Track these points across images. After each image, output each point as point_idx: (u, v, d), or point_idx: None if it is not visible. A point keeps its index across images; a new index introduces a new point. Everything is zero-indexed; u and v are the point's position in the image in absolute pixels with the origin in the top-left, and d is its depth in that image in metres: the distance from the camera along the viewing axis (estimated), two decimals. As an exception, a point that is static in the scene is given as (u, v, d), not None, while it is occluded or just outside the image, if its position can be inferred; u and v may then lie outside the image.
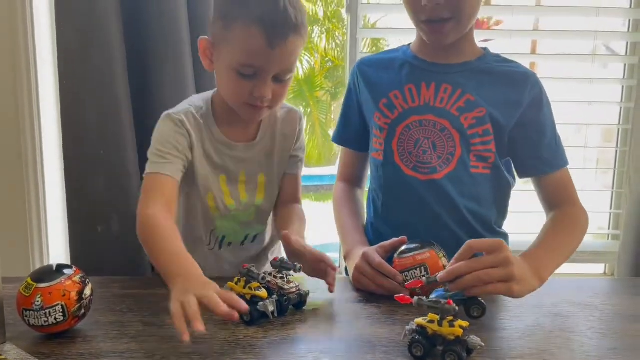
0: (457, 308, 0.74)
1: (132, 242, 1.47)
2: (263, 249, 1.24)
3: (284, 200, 1.18)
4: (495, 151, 1.07)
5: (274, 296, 0.87)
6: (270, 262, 0.94)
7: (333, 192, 1.26)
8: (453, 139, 1.06)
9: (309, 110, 9.28)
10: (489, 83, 1.07)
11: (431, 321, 0.75)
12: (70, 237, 1.50)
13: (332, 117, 9.13)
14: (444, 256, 0.95)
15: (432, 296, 0.84)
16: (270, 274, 0.92)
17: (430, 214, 1.04)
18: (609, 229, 1.85)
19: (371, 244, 1.10)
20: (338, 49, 9.29)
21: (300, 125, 1.17)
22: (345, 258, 1.11)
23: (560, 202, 1.09)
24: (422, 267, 0.94)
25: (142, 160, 1.44)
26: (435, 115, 1.06)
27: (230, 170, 1.11)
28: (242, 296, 0.84)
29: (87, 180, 1.45)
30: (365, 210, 1.24)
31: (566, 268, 1.97)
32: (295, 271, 0.91)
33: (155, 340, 0.79)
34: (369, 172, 1.25)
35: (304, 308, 0.93)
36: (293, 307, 0.91)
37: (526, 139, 1.09)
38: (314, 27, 9.58)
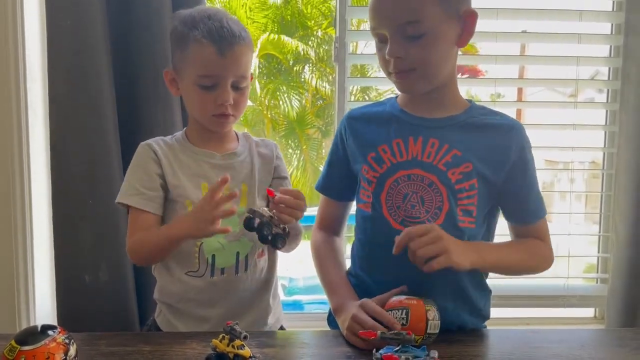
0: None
1: (121, 292, 1.49)
2: (263, 286, 1.23)
3: None
4: (477, 205, 1.09)
5: (258, 355, 0.87)
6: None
7: (311, 240, 1.26)
8: (441, 193, 1.07)
9: (300, 148, 9.36)
10: (475, 137, 1.10)
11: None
12: (57, 286, 1.48)
13: (323, 153, 9.20)
14: (431, 310, 0.96)
15: (381, 351, 0.86)
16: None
17: (417, 269, 1.04)
18: (597, 272, 1.87)
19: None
20: (329, 87, 9.43)
21: (277, 152, 1.29)
22: (335, 313, 1.10)
23: (531, 237, 1.15)
24: (404, 310, 0.95)
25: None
26: (423, 169, 1.08)
27: (211, 177, 1.17)
28: (226, 355, 0.84)
29: (75, 228, 1.45)
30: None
31: (556, 312, 1.99)
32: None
33: (140, 403, 0.78)
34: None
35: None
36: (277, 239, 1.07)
37: (515, 193, 1.12)
38: (305, 66, 9.77)
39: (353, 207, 1.24)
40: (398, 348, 0.86)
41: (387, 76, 1.11)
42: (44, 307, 1.55)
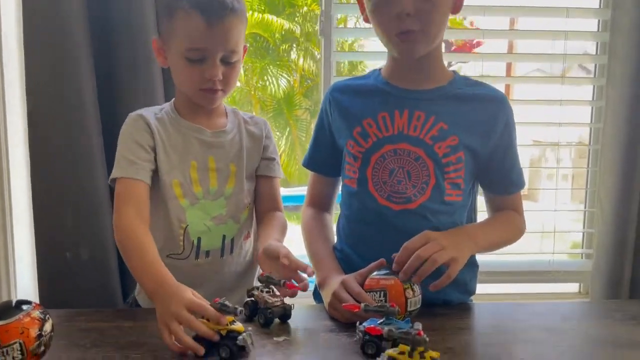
0: (427, 339, 0.73)
1: (103, 269, 1.46)
2: (248, 268, 1.22)
3: (265, 208, 1.21)
4: (464, 177, 1.08)
5: (250, 329, 0.85)
6: (258, 278, 0.97)
7: (301, 217, 1.24)
8: (427, 167, 1.06)
9: (288, 129, 9.29)
10: (461, 109, 1.08)
11: (402, 352, 0.74)
12: (38, 264, 1.45)
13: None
14: (409, 287, 0.94)
15: (365, 324, 0.86)
16: (257, 289, 0.98)
17: (402, 244, 1.03)
18: (582, 247, 1.87)
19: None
20: (317, 67, 9.35)
21: (267, 130, 1.24)
22: (320, 287, 1.09)
23: (507, 209, 1.16)
24: (382, 292, 0.94)
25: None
26: (410, 143, 1.06)
27: (199, 154, 1.14)
28: (217, 332, 0.83)
29: (55, 205, 1.41)
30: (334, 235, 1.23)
31: (541, 287, 2.00)
32: (281, 286, 0.95)
33: (119, 378, 0.77)
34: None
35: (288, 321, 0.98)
36: (279, 319, 0.97)
37: (501, 164, 1.11)
38: (292, 45, 9.65)
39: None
40: (382, 320, 0.85)
41: (386, 41, 1.08)
42: (24, 285, 1.52)
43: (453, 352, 0.85)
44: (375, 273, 0.99)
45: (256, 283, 1.10)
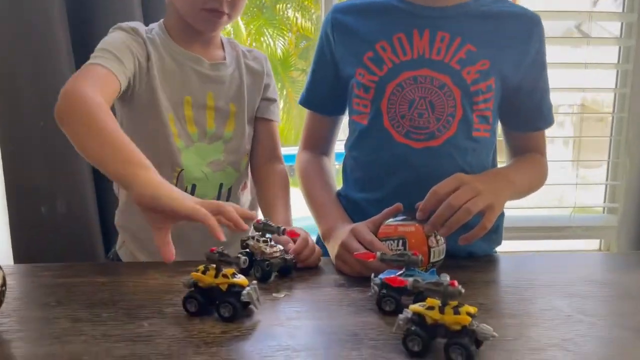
0: (462, 290, 0.59)
1: (82, 222, 1.32)
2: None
3: (263, 156, 1.08)
4: (492, 109, 0.93)
5: (254, 282, 0.71)
6: (254, 225, 0.84)
7: (296, 162, 1.09)
8: (454, 97, 0.90)
9: (285, 91, 9.05)
10: (490, 28, 0.92)
11: (430, 307, 0.60)
12: (10, 219, 1.31)
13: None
14: (433, 235, 0.81)
15: (381, 276, 0.72)
16: (252, 238, 0.83)
17: (423, 188, 0.89)
18: (604, 202, 1.73)
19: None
20: (313, 26, 9.05)
21: (268, 67, 1.11)
22: (324, 238, 0.95)
23: (531, 151, 1.03)
24: (400, 241, 0.80)
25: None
26: (432, 69, 0.90)
27: (195, 89, 0.98)
28: (215, 288, 0.68)
29: (26, 156, 1.27)
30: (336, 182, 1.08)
31: (556, 245, 1.87)
32: (279, 234, 0.83)
33: (83, 341, 0.62)
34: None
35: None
36: (278, 273, 0.83)
37: (530, 95, 0.97)
38: (288, 5, 9.33)
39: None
40: (402, 272, 0.71)
41: None
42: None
43: (485, 308, 0.71)
44: (391, 219, 0.85)
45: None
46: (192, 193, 1.00)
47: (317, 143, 1.09)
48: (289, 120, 8.70)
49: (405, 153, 0.92)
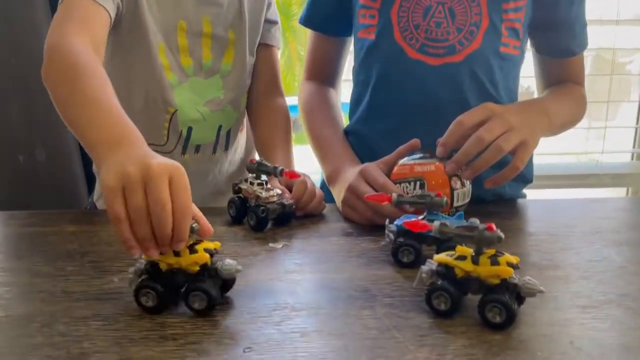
0: (502, 235, 0.47)
1: (65, 172, 1.21)
2: (242, 167, 0.98)
3: (262, 88, 0.95)
4: (523, 22, 0.80)
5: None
6: (247, 166, 0.73)
7: (299, 95, 0.96)
8: (479, 2, 0.76)
9: (285, 42, 8.76)
10: None
11: (461, 257, 0.49)
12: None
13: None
14: (457, 175, 0.68)
15: (398, 222, 0.60)
16: (246, 181, 0.72)
17: (442, 115, 0.76)
18: (633, 147, 1.60)
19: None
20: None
21: None
22: (329, 181, 0.83)
23: (569, 81, 0.89)
24: (418, 183, 0.68)
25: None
26: None
27: (190, 12, 0.83)
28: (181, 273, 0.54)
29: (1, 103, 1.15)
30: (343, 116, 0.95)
31: (578, 194, 1.75)
32: (276, 175, 0.72)
33: (40, 300, 0.52)
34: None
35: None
36: (274, 221, 0.71)
37: (567, 10, 0.83)
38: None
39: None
40: (424, 216, 0.60)
41: None
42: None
43: (521, 260, 0.59)
44: (406, 158, 0.72)
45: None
46: (188, 137, 0.88)
47: (322, 70, 0.96)
48: (291, 72, 8.46)
49: (419, 71, 0.79)
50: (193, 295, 0.48)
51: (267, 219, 0.69)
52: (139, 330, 0.46)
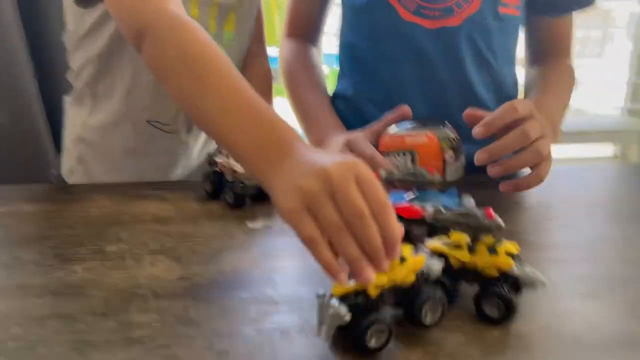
0: (502, 224, 0.43)
1: (30, 138, 1.14)
2: None
3: (249, 51, 0.86)
4: None
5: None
6: None
7: (280, 54, 0.89)
8: None
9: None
10: None
11: (456, 246, 0.45)
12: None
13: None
14: (450, 148, 0.63)
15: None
16: (221, 153, 0.67)
17: (438, 83, 0.70)
18: (625, 102, 1.56)
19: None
20: None
21: None
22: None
23: (557, 50, 0.84)
24: (410, 155, 0.63)
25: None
26: None
27: None
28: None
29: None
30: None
31: (561, 151, 1.72)
32: None
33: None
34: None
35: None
36: (253, 198, 0.66)
37: None
38: None
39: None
40: (413, 196, 0.55)
41: None
42: None
43: (516, 239, 0.56)
44: (395, 127, 0.67)
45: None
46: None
47: (303, 27, 0.89)
48: (269, 23, 8.17)
49: (414, 35, 0.73)
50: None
51: (246, 196, 0.64)
52: (102, 332, 0.42)
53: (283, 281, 0.49)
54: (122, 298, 0.46)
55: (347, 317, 0.37)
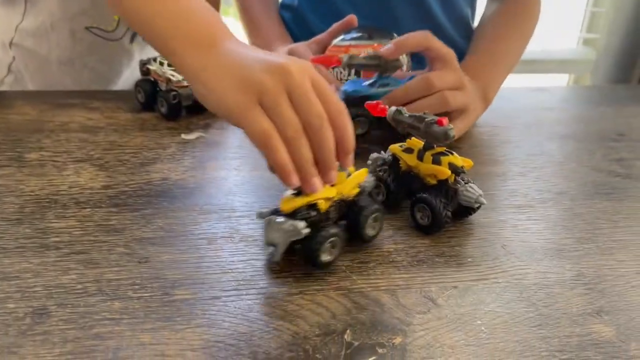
0: (450, 132, 0.41)
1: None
2: None
3: None
4: None
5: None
6: None
7: None
8: None
9: None
10: None
11: (408, 150, 0.43)
12: None
13: None
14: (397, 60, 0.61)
15: (345, 87, 0.55)
16: (155, 60, 0.62)
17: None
18: (581, 31, 1.55)
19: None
20: None
21: None
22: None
23: None
24: (353, 69, 0.61)
25: None
26: None
27: None
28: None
29: None
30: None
31: (515, 81, 1.73)
32: None
33: None
34: None
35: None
36: (189, 108, 0.62)
37: None
38: None
39: None
40: (375, 79, 0.54)
41: None
42: None
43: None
44: (341, 38, 0.64)
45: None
46: None
47: None
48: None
49: None
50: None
51: (181, 106, 0.60)
52: (15, 239, 0.39)
53: (215, 192, 0.47)
54: (39, 205, 0.43)
55: (305, 230, 0.35)
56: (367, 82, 0.53)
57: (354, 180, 0.39)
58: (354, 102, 0.52)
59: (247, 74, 0.35)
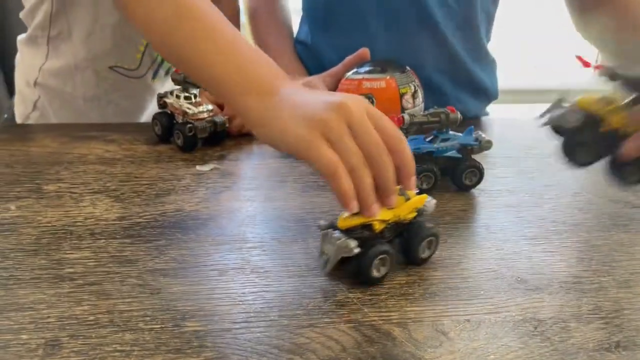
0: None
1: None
2: None
3: None
4: None
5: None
6: (172, 76, 0.64)
7: (246, 4, 0.85)
8: None
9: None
10: None
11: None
12: None
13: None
14: (408, 90, 0.62)
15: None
16: (171, 94, 0.64)
17: (403, 31, 0.66)
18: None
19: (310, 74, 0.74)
20: None
21: None
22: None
23: None
24: (368, 100, 0.61)
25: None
26: None
27: None
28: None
29: None
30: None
31: (532, 110, 1.73)
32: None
33: None
34: None
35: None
36: (204, 140, 0.63)
37: None
38: None
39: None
40: (432, 135, 0.54)
41: None
42: None
43: (480, 187, 0.55)
44: (354, 71, 0.65)
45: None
46: (161, 63, 0.77)
47: None
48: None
49: None
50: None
51: (196, 138, 0.61)
52: (31, 270, 0.40)
53: (227, 223, 0.47)
54: (55, 236, 0.44)
55: (356, 249, 0.38)
56: (428, 139, 0.53)
57: (412, 204, 0.41)
58: (417, 159, 0.52)
59: (311, 112, 0.38)
